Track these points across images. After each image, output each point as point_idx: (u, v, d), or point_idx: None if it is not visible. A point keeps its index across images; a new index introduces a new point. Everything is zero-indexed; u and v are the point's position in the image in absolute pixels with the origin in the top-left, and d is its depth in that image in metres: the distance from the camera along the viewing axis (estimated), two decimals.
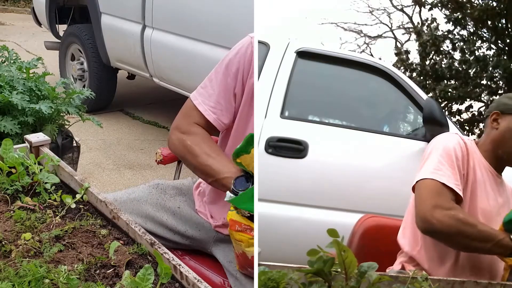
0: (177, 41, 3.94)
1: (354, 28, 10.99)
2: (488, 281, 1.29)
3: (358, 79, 2.99)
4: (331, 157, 2.57)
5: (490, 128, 1.67)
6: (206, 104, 1.53)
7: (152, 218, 1.67)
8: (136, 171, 3.97)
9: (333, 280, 1.04)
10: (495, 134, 1.65)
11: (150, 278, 1.12)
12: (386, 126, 2.94)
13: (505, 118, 1.64)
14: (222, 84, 1.53)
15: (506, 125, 1.63)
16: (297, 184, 2.52)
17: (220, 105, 1.53)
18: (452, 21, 8.27)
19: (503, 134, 1.62)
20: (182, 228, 1.68)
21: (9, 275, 1.11)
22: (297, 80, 2.75)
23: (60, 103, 2.85)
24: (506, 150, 1.62)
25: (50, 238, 1.28)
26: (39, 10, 5.56)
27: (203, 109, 1.53)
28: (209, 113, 1.52)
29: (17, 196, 1.46)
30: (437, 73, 8.11)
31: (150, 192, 1.71)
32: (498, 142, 1.64)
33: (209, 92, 1.54)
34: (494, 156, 1.65)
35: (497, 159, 1.65)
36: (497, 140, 1.64)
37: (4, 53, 3.04)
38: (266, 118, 2.59)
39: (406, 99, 2.79)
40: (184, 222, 1.68)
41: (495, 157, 1.65)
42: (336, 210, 2.49)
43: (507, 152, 1.63)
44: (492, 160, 1.65)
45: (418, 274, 1.16)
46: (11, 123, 2.59)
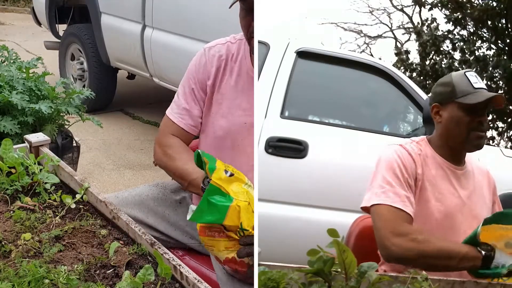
0: (177, 41, 3.93)
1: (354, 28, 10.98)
2: (488, 281, 1.29)
3: (358, 79, 2.99)
4: (331, 157, 2.57)
5: (435, 122, 1.62)
6: (175, 112, 1.70)
7: (154, 212, 1.69)
8: (136, 171, 3.97)
9: (333, 280, 1.04)
10: (440, 128, 1.59)
11: (150, 278, 1.12)
12: (386, 126, 2.93)
13: (445, 109, 1.58)
14: (187, 93, 1.69)
15: (447, 116, 1.57)
16: (297, 184, 2.52)
17: (186, 111, 1.68)
18: (452, 21, 8.26)
19: (447, 126, 1.57)
20: (182, 223, 1.70)
21: (9, 275, 1.11)
22: (297, 80, 2.75)
23: (60, 103, 2.84)
24: (456, 140, 1.57)
25: (50, 238, 1.28)
26: (39, 10, 5.55)
27: (173, 117, 1.69)
28: (179, 120, 1.68)
29: (17, 196, 1.46)
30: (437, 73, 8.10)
31: (151, 189, 1.75)
32: (445, 135, 1.58)
33: (178, 103, 1.70)
34: (448, 149, 1.59)
35: (451, 150, 1.59)
36: (444, 133, 1.59)
37: (3, 52, 3.04)
38: (266, 118, 2.59)
39: (406, 99, 2.79)
40: (184, 217, 1.69)
41: (448, 149, 1.59)
42: (336, 210, 2.49)
43: (457, 141, 1.57)
44: (447, 154, 1.59)
45: (418, 274, 1.16)
46: (10, 123, 2.59)
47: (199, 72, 1.67)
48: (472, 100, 1.53)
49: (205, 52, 1.69)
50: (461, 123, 1.54)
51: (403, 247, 1.43)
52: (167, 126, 1.69)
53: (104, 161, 4.10)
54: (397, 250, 1.44)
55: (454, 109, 1.55)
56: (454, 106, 1.55)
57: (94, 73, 4.89)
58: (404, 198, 1.49)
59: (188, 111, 1.67)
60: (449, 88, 1.57)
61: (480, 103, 1.53)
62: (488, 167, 1.74)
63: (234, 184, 1.33)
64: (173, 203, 1.72)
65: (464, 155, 1.63)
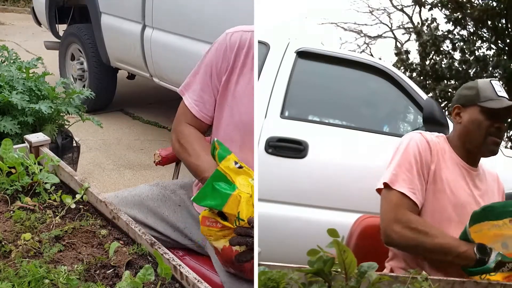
0: (178, 41, 3.93)
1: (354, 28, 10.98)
2: (488, 281, 1.29)
3: (358, 79, 2.99)
4: (331, 157, 2.57)
5: (455, 123, 1.67)
6: (191, 98, 1.67)
7: (153, 213, 1.69)
8: (136, 171, 3.97)
9: (333, 280, 1.04)
10: (460, 129, 1.64)
11: (150, 278, 1.12)
12: (386, 126, 2.93)
13: (466, 111, 1.64)
14: (203, 79, 1.66)
15: (468, 118, 1.62)
16: (297, 184, 2.52)
17: (202, 99, 1.66)
18: (452, 21, 8.26)
19: (467, 128, 1.62)
20: (181, 225, 1.69)
21: (9, 275, 1.11)
22: (297, 80, 2.75)
23: (60, 103, 2.84)
24: (473, 142, 1.62)
25: (50, 239, 1.28)
26: (39, 10, 5.55)
27: (188, 103, 1.67)
28: (193, 106, 1.66)
29: (17, 196, 1.46)
30: (437, 73, 8.10)
31: (151, 189, 1.74)
32: (464, 136, 1.63)
33: (193, 87, 1.68)
34: (464, 150, 1.64)
35: (468, 152, 1.64)
36: (462, 134, 1.63)
37: (3, 53, 3.04)
38: (266, 118, 2.59)
39: (406, 99, 2.79)
40: (184, 219, 1.70)
41: (465, 150, 1.64)
42: (336, 210, 2.49)
43: (474, 144, 1.62)
44: (463, 154, 1.64)
45: (418, 274, 1.16)
46: (10, 123, 2.59)
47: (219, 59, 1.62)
48: (494, 106, 1.59)
49: (227, 37, 1.63)
50: (481, 126, 1.60)
51: (403, 235, 1.49)
52: (183, 113, 1.68)
53: (104, 161, 4.10)
54: (397, 238, 1.51)
55: (476, 112, 1.61)
56: (476, 109, 1.61)
57: (94, 73, 4.89)
58: (413, 186, 1.54)
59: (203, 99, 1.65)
60: (474, 92, 1.63)
61: (501, 109, 1.59)
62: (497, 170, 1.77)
63: (241, 177, 1.36)
64: (172, 204, 1.71)
65: (478, 159, 1.67)
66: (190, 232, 1.69)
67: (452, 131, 1.70)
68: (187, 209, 1.71)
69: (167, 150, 2.02)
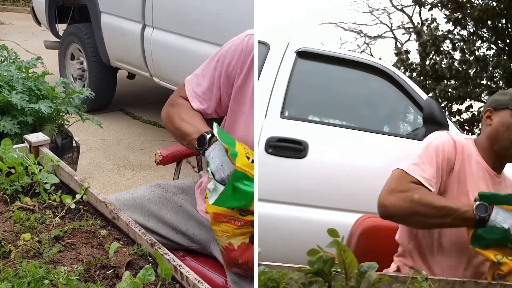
0: (178, 40, 3.93)
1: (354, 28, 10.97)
2: (488, 281, 1.29)
3: (358, 79, 2.99)
4: (331, 157, 2.57)
5: (485, 125, 1.70)
6: (193, 90, 1.65)
7: (155, 216, 1.68)
8: (136, 171, 3.97)
9: (333, 280, 1.04)
10: (489, 131, 1.67)
11: (150, 279, 1.11)
12: (386, 126, 2.93)
13: (497, 114, 1.67)
14: (211, 77, 1.63)
15: (498, 120, 1.66)
16: (297, 184, 2.52)
17: (205, 95, 1.64)
18: (452, 21, 8.25)
19: (496, 129, 1.65)
20: (183, 227, 1.69)
21: (8, 275, 1.11)
22: (297, 80, 2.75)
23: (59, 103, 2.84)
24: (501, 144, 1.64)
25: (50, 239, 1.28)
26: (39, 9, 5.55)
27: (189, 94, 1.65)
28: (193, 99, 1.64)
29: (17, 197, 1.46)
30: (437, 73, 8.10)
31: (152, 191, 1.73)
32: (492, 138, 1.66)
33: (199, 81, 1.65)
34: (492, 153, 1.67)
35: (495, 155, 1.67)
36: (491, 136, 1.66)
37: (3, 52, 3.04)
38: (266, 118, 2.59)
39: (406, 99, 2.79)
40: (186, 221, 1.69)
41: (492, 153, 1.67)
42: (336, 210, 2.49)
43: (502, 146, 1.64)
44: (490, 157, 1.67)
45: (418, 274, 1.16)
46: (10, 123, 2.59)
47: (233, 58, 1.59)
48: None
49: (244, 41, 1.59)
50: (510, 129, 1.63)
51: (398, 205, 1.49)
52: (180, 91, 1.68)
53: (104, 161, 4.09)
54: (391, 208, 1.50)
55: (507, 115, 1.65)
56: (508, 113, 1.65)
57: (94, 72, 4.89)
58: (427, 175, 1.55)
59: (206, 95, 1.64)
60: (507, 97, 1.68)
61: None
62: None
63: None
64: (174, 206, 1.70)
65: (504, 165, 1.70)
66: (193, 234, 1.69)
67: (481, 134, 1.72)
68: (189, 211, 1.70)
69: (168, 149, 2.02)
